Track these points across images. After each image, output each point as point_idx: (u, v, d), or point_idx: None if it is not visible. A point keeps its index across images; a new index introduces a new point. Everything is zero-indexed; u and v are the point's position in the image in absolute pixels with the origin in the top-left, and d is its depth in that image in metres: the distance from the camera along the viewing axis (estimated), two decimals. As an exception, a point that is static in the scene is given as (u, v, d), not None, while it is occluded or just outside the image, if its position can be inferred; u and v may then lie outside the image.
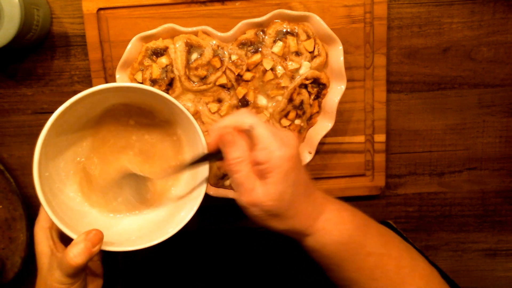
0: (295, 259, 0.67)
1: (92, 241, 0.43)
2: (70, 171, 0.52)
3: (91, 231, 0.44)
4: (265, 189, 0.40)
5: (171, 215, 0.52)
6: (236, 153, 0.41)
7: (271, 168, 0.40)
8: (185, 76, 0.60)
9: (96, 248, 0.43)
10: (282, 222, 0.42)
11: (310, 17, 0.59)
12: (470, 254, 0.74)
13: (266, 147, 0.40)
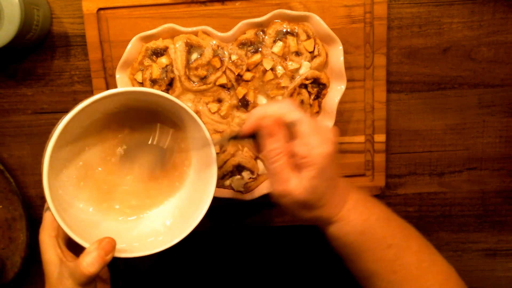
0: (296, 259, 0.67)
1: (105, 249, 0.43)
2: (80, 181, 0.51)
3: (103, 239, 0.44)
4: (299, 182, 0.41)
5: (180, 218, 0.52)
6: (276, 144, 0.41)
7: (309, 163, 0.41)
8: (185, 76, 0.60)
9: (109, 256, 0.43)
10: (311, 212, 0.44)
11: (310, 17, 0.59)
12: (470, 254, 0.74)
13: (307, 142, 0.41)
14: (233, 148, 0.62)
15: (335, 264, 0.65)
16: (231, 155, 0.62)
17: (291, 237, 0.71)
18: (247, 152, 0.62)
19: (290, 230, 0.71)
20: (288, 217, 0.70)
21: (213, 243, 0.71)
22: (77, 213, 0.49)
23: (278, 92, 0.60)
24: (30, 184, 0.69)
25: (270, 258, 0.68)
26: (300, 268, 0.70)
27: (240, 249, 0.71)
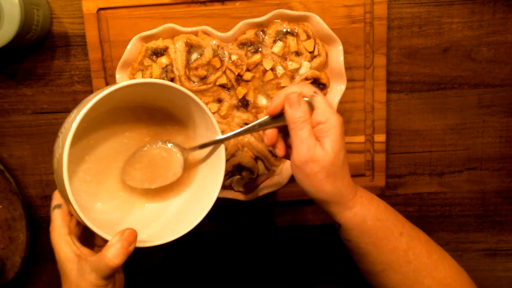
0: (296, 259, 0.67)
1: (128, 240, 0.43)
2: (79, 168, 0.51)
3: (125, 231, 0.44)
4: (323, 147, 0.44)
5: (190, 205, 0.52)
6: (302, 112, 0.45)
7: (330, 127, 0.44)
8: (185, 76, 0.60)
9: (132, 247, 0.44)
10: (333, 184, 0.46)
11: (310, 17, 0.59)
12: (470, 254, 0.74)
13: (325, 110, 0.45)
14: (233, 148, 0.62)
15: (335, 264, 0.65)
16: (231, 155, 0.62)
17: (291, 237, 0.71)
18: (247, 152, 0.62)
19: (290, 230, 0.71)
20: (288, 217, 0.70)
21: (213, 243, 0.71)
22: (97, 215, 0.50)
23: (278, 92, 0.60)
24: (30, 184, 0.69)
25: (270, 258, 0.68)
26: (300, 268, 0.70)
27: (240, 249, 0.71)
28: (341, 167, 0.45)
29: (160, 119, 0.53)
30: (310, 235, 0.71)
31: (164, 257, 0.69)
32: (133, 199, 0.54)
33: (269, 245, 0.70)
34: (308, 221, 0.71)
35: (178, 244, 0.71)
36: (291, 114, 0.45)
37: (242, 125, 0.61)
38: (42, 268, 0.73)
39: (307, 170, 0.45)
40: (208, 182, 0.51)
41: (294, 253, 0.69)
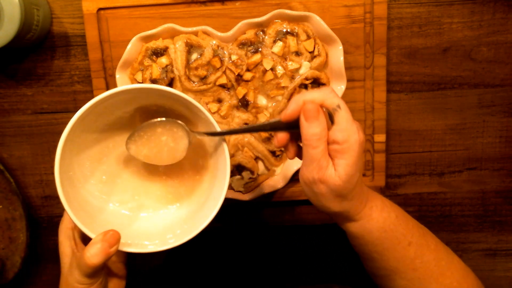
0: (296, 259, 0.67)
1: (109, 241, 0.43)
2: (95, 168, 0.51)
3: (108, 232, 0.44)
4: (336, 169, 0.41)
5: (189, 216, 0.52)
6: (318, 129, 0.41)
7: (347, 149, 0.41)
8: (185, 76, 0.60)
9: (113, 249, 0.43)
10: (341, 203, 0.44)
11: (310, 17, 0.59)
12: (470, 254, 0.74)
13: (346, 129, 0.41)
14: (233, 148, 0.62)
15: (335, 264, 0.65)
16: (231, 155, 0.62)
17: (291, 237, 0.71)
18: (247, 152, 0.62)
19: (290, 230, 0.71)
20: (288, 217, 0.70)
21: (213, 243, 0.71)
22: (87, 196, 0.50)
23: (278, 92, 0.60)
24: (30, 184, 0.69)
25: (270, 258, 0.68)
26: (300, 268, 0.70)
27: (240, 249, 0.71)
28: (352, 189, 0.43)
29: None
30: (310, 235, 0.71)
31: (164, 257, 0.69)
32: (148, 203, 0.54)
33: (269, 245, 0.70)
34: (308, 221, 0.71)
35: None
36: (306, 128, 0.41)
37: (242, 125, 0.61)
38: (42, 268, 0.73)
39: (315, 189, 0.43)
40: (213, 190, 0.50)
41: (294, 253, 0.69)
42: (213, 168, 0.52)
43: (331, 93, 0.42)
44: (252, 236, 0.71)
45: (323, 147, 0.41)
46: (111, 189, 0.53)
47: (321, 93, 0.42)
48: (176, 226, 0.51)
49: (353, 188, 0.43)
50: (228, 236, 0.71)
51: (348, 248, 0.58)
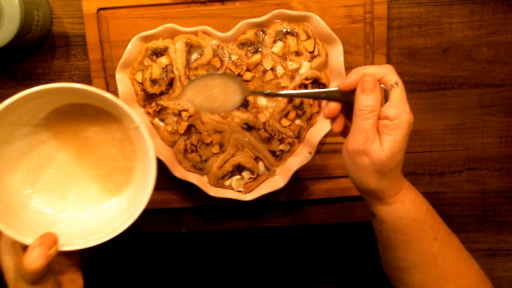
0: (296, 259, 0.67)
1: (47, 244, 0.44)
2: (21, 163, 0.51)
3: (44, 235, 0.45)
4: (382, 144, 0.42)
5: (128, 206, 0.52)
6: (372, 102, 0.42)
7: (396, 126, 0.42)
8: (185, 76, 0.60)
9: (52, 251, 0.44)
10: (379, 182, 0.44)
11: (310, 17, 0.59)
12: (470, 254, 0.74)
13: (398, 106, 0.42)
14: (233, 148, 0.62)
15: (335, 263, 0.65)
16: (231, 155, 0.62)
17: (291, 237, 0.71)
18: (247, 152, 0.62)
19: (290, 230, 0.71)
20: (289, 217, 0.70)
21: (213, 243, 0.71)
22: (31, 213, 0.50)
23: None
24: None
25: (270, 258, 0.68)
26: (300, 268, 0.70)
27: (240, 249, 0.71)
28: (393, 168, 0.43)
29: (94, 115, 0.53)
30: (310, 235, 0.71)
31: (163, 256, 0.69)
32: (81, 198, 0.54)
33: (269, 245, 0.70)
34: (308, 221, 0.71)
35: (177, 243, 0.71)
36: (361, 99, 0.42)
37: (242, 125, 0.61)
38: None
39: (357, 160, 0.43)
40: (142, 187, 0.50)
41: (294, 253, 0.69)
42: (141, 155, 0.52)
43: (391, 71, 0.43)
44: (252, 236, 0.71)
45: (374, 120, 0.42)
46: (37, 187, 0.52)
47: (382, 69, 0.43)
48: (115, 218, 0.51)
49: (394, 167, 0.43)
50: (228, 236, 0.71)
51: (348, 248, 0.58)
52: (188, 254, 0.70)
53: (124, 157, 0.54)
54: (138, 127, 0.47)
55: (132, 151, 0.54)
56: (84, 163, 0.55)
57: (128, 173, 0.54)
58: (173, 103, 0.61)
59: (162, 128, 0.61)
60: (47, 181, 0.54)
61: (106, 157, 0.54)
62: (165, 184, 0.67)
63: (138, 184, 0.53)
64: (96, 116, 0.53)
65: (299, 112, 0.61)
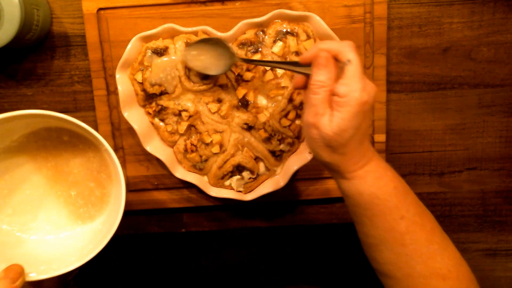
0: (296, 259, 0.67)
1: (11, 277, 0.44)
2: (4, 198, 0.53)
3: (10, 267, 0.45)
4: (331, 120, 0.43)
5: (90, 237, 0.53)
6: (323, 77, 0.43)
7: (344, 104, 0.42)
8: (185, 76, 0.60)
9: (18, 283, 0.44)
10: (330, 155, 0.45)
11: (310, 17, 0.59)
12: (470, 254, 0.74)
13: (349, 84, 0.42)
14: (233, 148, 0.62)
15: (335, 263, 0.65)
16: (231, 155, 0.62)
17: (291, 237, 0.71)
18: (247, 152, 0.62)
19: (290, 230, 0.71)
20: (289, 217, 0.70)
21: (213, 243, 0.71)
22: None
23: (278, 92, 0.60)
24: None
25: (270, 258, 0.68)
26: (300, 267, 0.70)
27: (240, 249, 0.71)
28: (344, 144, 0.43)
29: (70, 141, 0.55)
30: (310, 235, 0.71)
31: (163, 256, 0.69)
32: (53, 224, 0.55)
33: (269, 245, 0.70)
34: (308, 221, 0.71)
35: (177, 243, 0.71)
36: (313, 74, 0.43)
37: (242, 125, 0.61)
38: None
39: (309, 132, 0.45)
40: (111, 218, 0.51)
41: (294, 253, 0.69)
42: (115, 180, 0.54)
43: (348, 47, 0.43)
44: (252, 236, 0.71)
45: (324, 95, 0.43)
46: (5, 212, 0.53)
47: (339, 45, 0.43)
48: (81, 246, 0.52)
49: (344, 143, 0.43)
50: (228, 236, 0.71)
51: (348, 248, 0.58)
52: (188, 254, 0.70)
53: (101, 187, 0.55)
54: (107, 149, 0.48)
55: (107, 177, 0.55)
56: (59, 186, 0.56)
57: (102, 200, 0.56)
58: (173, 103, 0.61)
59: (162, 128, 0.61)
60: (20, 202, 0.54)
61: (83, 190, 0.56)
62: (165, 184, 0.67)
63: (110, 210, 0.54)
64: (72, 143, 0.54)
65: (299, 112, 0.61)
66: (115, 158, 0.48)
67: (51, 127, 0.53)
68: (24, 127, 0.52)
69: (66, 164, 0.55)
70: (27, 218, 0.55)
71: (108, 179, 0.55)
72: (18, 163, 0.54)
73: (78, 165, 0.55)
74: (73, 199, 0.56)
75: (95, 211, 0.56)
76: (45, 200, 0.56)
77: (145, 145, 0.60)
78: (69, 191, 0.56)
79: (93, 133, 0.48)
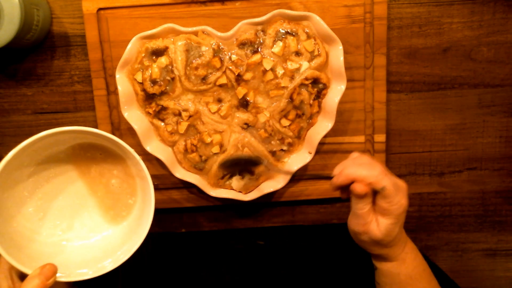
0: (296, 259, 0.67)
1: (46, 275, 0.46)
2: (28, 199, 0.54)
3: (45, 266, 0.47)
4: (378, 224, 0.49)
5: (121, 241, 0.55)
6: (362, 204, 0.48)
7: (388, 213, 0.48)
8: (185, 76, 0.60)
9: (50, 281, 0.47)
10: (381, 249, 0.51)
11: (310, 17, 0.59)
12: (470, 254, 0.74)
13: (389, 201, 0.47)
14: (233, 148, 0.62)
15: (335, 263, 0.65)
16: (231, 155, 0.62)
17: (291, 237, 0.71)
18: (247, 152, 0.62)
19: (290, 230, 0.71)
20: (288, 217, 0.70)
21: (213, 243, 0.71)
22: (19, 228, 0.52)
23: (278, 92, 0.60)
24: (30, 184, 0.69)
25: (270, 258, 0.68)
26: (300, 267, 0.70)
27: (240, 249, 0.71)
28: (390, 241, 0.49)
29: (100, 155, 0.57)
30: (310, 235, 0.71)
31: (163, 256, 0.69)
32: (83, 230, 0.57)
33: (269, 245, 0.70)
34: (308, 221, 0.71)
35: (177, 243, 0.71)
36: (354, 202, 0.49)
37: (242, 125, 0.61)
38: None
39: (358, 237, 0.51)
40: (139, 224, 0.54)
41: (294, 253, 0.69)
42: (141, 188, 0.56)
43: (379, 176, 0.47)
44: (252, 237, 0.71)
45: (368, 208, 0.48)
46: (45, 220, 0.55)
47: (370, 174, 0.47)
48: (113, 250, 0.54)
49: (392, 239, 0.50)
50: (227, 236, 0.71)
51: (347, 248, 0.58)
52: (188, 254, 0.70)
53: (129, 194, 0.58)
54: (138, 163, 0.51)
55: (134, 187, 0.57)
56: (93, 194, 0.58)
57: (132, 207, 0.58)
58: (173, 103, 0.61)
59: (162, 128, 0.61)
60: (57, 211, 0.56)
61: (112, 192, 0.58)
62: (165, 184, 0.67)
63: (138, 216, 0.56)
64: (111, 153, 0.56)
65: (299, 112, 0.61)
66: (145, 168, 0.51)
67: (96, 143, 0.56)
68: (73, 139, 0.54)
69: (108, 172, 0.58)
70: (67, 224, 0.57)
71: (134, 190, 0.58)
72: (64, 170, 0.56)
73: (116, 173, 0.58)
74: (106, 205, 0.58)
75: (125, 214, 0.58)
76: (82, 207, 0.58)
77: (145, 145, 0.60)
78: (105, 198, 0.58)
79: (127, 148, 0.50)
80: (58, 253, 0.54)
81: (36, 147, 0.50)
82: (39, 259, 0.50)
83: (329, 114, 0.60)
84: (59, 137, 0.52)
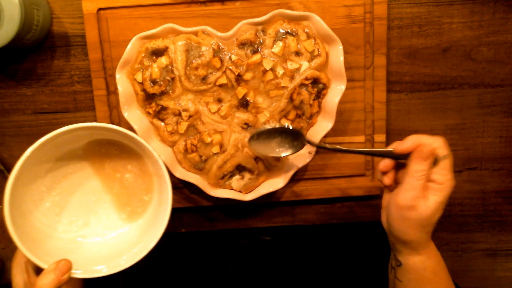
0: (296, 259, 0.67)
1: (61, 270, 0.47)
2: (45, 194, 0.55)
3: (61, 261, 0.48)
4: (426, 202, 0.49)
5: (137, 239, 0.55)
6: (424, 167, 0.48)
7: (441, 190, 0.48)
8: (185, 76, 0.60)
9: (65, 277, 0.47)
10: (419, 233, 0.50)
11: (310, 17, 0.59)
12: (470, 254, 0.74)
13: (446, 174, 0.49)
14: (233, 148, 0.62)
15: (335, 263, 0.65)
16: (231, 155, 0.62)
17: (291, 237, 0.71)
18: (247, 152, 0.62)
19: (290, 230, 0.71)
20: (288, 217, 0.70)
21: (213, 243, 0.71)
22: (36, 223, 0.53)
23: (278, 92, 0.60)
24: (30, 184, 0.69)
25: (270, 258, 0.68)
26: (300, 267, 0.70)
27: (240, 249, 0.71)
28: (432, 223, 0.50)
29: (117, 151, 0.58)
30: (310, 235, 0.71)
31: (163, 256, 0.69)
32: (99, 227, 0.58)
33: (269, 245, 0.70)
34: (308, 221, 0.71)
35: (177, 243, 0.71)
36: (417, 164, 0.48)
37: (242, 125, 0.61)
38: (42, 268, 0.73)
39: (405, 213, 0.49)
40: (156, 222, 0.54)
41: (294, 253, 0.69)
42: (158, 185, 0.56)
43: (444, 143, 0.49)
44: (252, 237, 0.71)
45: (424, 181, 0.49)
46: (62, 216, 0.56)
47: (435, 141, 0.49)
48: (128, 247, 0.54)
49: (433, 222, 0.50)
50: (227, 236, 0.71)
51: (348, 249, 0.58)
52: (188, 254, 0.70)
53: (144, 190, 0.58)
54: (157, 161, 0.51)
55: (150, 184, 0.58)
56: (108, 190, 0.58)
57: (147, 203, 0.58)
58: (173, 103, 0.61)
59: (162, 128, 0.61)
60: (73, 207, 0.57)
61: (127, 187, 0.58)
62: (165, 184, 0.67)
63: (153, 214, 0.56)
64: (127, 149, 0.56)
65: (299, 112, 0.61)
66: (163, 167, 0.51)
67: (113, 140, 0.56)
68: (90, 136, 0.55)
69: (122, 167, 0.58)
70: (83, 220, 0.57)
71: (151, 187, 0.58)
72: (81, 166, 0.57)
73: (130, 168, 0.58)
74: (122, 201, 0.58)
75: (140, 211, 0.58)
76: (98, 203, 0.58)
77: (145, 145, 0.60)
78: (120, 194, 0.58)
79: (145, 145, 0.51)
80: (74, 249, 0.54)
81: (55, 143, 0.50)
82: (55, 255, 0.50)
83: (329, 114, 0.60)
84: (77, 133, 0.52)
